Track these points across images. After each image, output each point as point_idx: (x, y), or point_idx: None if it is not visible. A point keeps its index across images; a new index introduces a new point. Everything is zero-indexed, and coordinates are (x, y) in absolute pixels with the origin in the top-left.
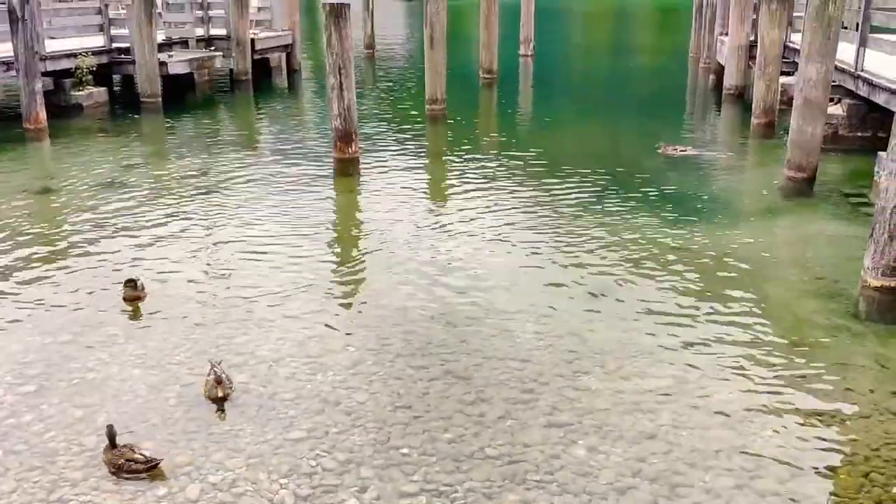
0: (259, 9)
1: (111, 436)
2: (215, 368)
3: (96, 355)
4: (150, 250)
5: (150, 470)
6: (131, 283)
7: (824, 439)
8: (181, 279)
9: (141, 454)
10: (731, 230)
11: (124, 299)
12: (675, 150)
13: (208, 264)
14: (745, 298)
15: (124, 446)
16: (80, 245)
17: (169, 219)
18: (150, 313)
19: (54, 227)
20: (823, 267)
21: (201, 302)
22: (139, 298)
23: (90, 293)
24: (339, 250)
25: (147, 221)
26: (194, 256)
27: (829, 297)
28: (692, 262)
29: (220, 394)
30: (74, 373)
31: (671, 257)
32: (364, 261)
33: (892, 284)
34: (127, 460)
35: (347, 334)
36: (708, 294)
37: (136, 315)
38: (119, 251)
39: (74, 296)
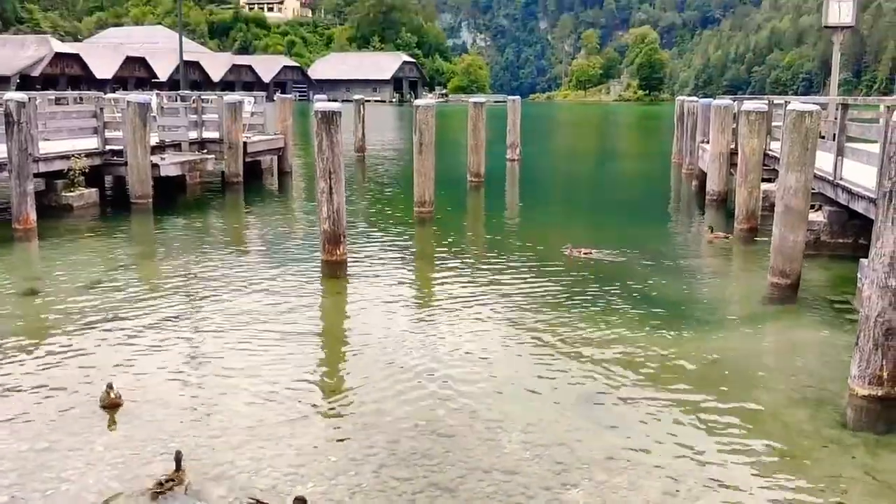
0: (252, 113)
1: None
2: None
3: (72, 464)
4: (132, 355)
5: None
6: (111, 390)
7: None
8: (161, 385)
9: None
10: (717, 336)
11: (102, 406)
12: (580, 251)
13: (189, 371)
14: (734, 407)
15: None
16: (61, 349)
17: (153, 323)
18: (128, 421)
19: (37, 330)
20: (810, 375)
21: (181, 408)
22: (117, 405)
23: (69, 399)
24: (323, 356)
25: (131, 325)
26: (176, 362)
27: (817, 405)
28: (679, 369)
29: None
30: (49, 483)
31: (658, 364)
32: (348, 367)
33: (880, 393)
34: None
35: (329, 443)
36: (696, 403)
37: (113, 422)
38: (101, 356)
39: (54, 401)
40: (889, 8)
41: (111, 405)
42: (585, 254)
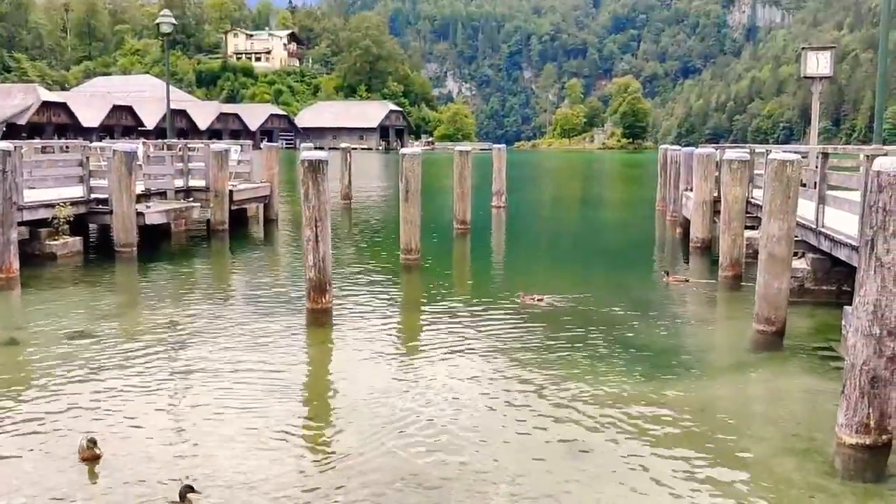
0: (239, 161)
1: None
2: None
3: None
4: (113, 406)
5: None
6: (89, 443)
7: None
8: (143, 437)
9: None
10: (704, 385)
11: (82, 459)
12: (534, 299)
13: (171, 422)
14: (722, 457)
15: None
16: (41, 400)
17: (135, 373)
18: (109, 474)
19: (17, 381)
20: (798, 423)
21: (161, 462)
22: (97, 458)
23: (48, 452)
24: (307, 407)
25: (112, 376)
26: (158, 414)
27: (804, 454)
28: (666, 419)
29: None
30: None
31: (646, 413)
32: (333, 418)
33: (867, 442)
34: None
35: (314, 495)
36: (683, 452)
37: (92, 475)
38: (81, 407)
39: (32, 454)
40: (865, 59)
41: (90, 458)
42: (538, 300)
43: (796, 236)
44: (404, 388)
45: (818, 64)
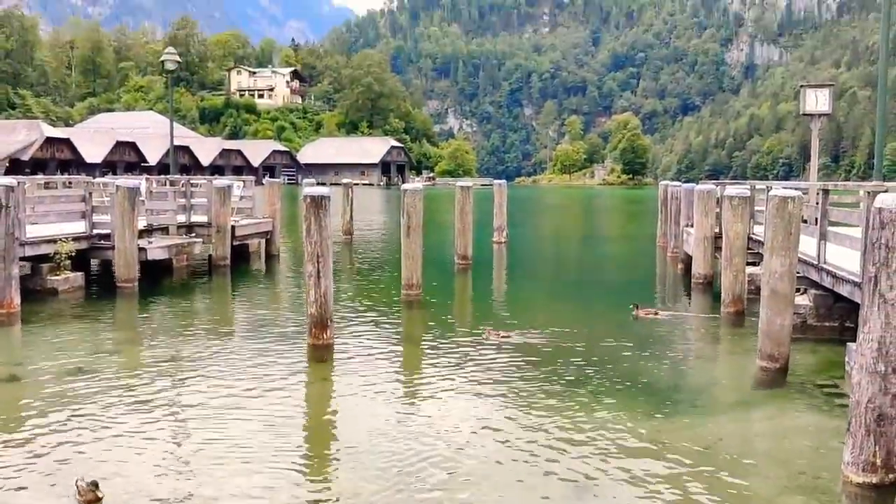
0: (241, 197)
1: None
2: None
3: None
4: (114, 445)
5: None
6: (91, 485)
7: None
8: (143, 477)
9: None
10: (708, 423)
11: (84, 502)
12: (499, 335)
13: (172, 461)
14: (727, 496)
15: None
16: (40, 438)
17: (135, 411)
18: None
19: (16, 418)
20: (804, 461)
21: (163, 501)
22: (98, 500)
23: (47, 493)
24: (308, 446)
25: (112, 414)
26: (158, 453)
27: (811, 493)
28: (670, 457)
29: None
30: None
31: (650, 451)
32: (333, 456)
33: (874, 481)
34: None
35: None
36: (689, 491)
37: None
38: (81, 445)
39: (30, 493)
40: (863, 96)
41: (92, 501)
42: (504, 337)
43: (798, 272)
44: (406, 426)
45: (817, 101)
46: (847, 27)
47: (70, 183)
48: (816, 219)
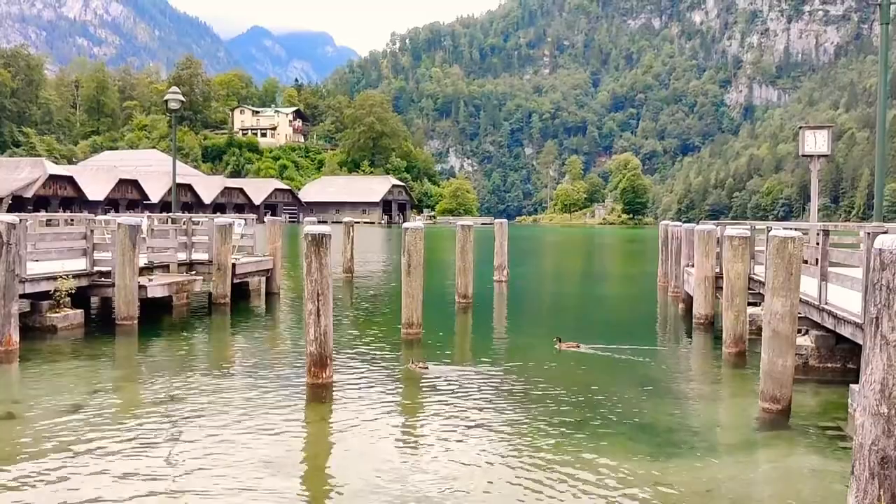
0: (242, 235)
1: None
2: None
3: None
4: (110, 484)
5: None
6: None
7: None
8: None
9: None
10: (711, 465)
11: None
12: (420, 365)
13: (168, 502)
14: None
15: None
16: (37, 477)
17: (132, 450)
18: None
19: (12, 457)
20: None
21: None
22: None
23: None
24: (306, 487)
25: (109, 453)
26: (154, 494)
27: None
28: (671, 499)
29: None
30: None
31: (652, 494)
32: (332, 500)
33: None
34: None
35: None
36: None
37: None
38: (77, 485)
39: None
40: (862, 137)
41: None
42: (422, 367)
43: (799, 313)
44: (405, 467)
45: (816, 142)
46: (844, 69)
47: (72, 220)
48: (817, 259)
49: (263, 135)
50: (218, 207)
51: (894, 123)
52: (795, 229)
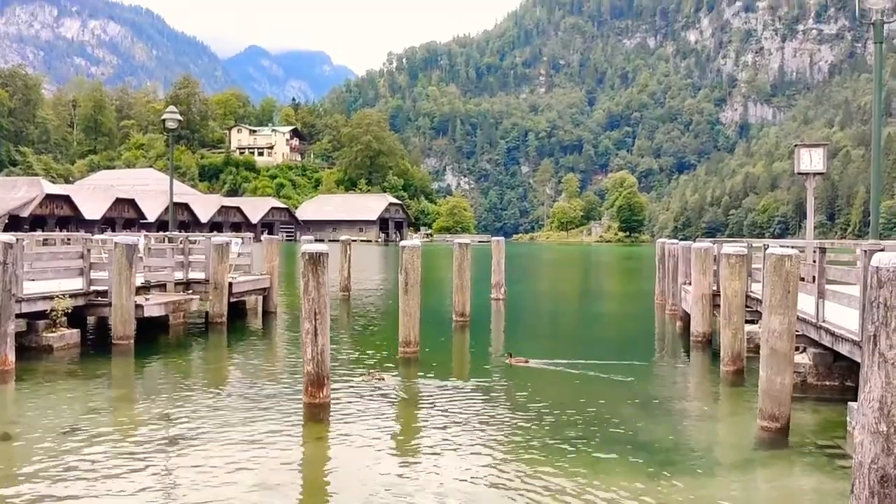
0: (239, 254)
1: None
2: None
3: None
4: None
5: None
6: None
7: None
8: None
9: None
10: (710, 484)
11: None
12: (377, 377)
13: None
14: None
15: None
16: (31, 499)
17: (127, 472)
18: None
19: (7, 478)
20: None
21: None
22: None
23: None
24: None
25: (105, 474)
26: None
27: None
28: None
29: None
30: None
31: None
32: None
33: None
34: None
35: None
36: None
37: None
38: None
39: None
40: (857, 155)
41: None
42: (378, 378)
43: (797, 331)
44: (403, 488)
45: (811, 160)
46: (839, 88)
47: (69, 239)
48: (814, 277)
49: (261, 153)
50: (215, 226)
51: (889, 141)
52: (792, 247)
